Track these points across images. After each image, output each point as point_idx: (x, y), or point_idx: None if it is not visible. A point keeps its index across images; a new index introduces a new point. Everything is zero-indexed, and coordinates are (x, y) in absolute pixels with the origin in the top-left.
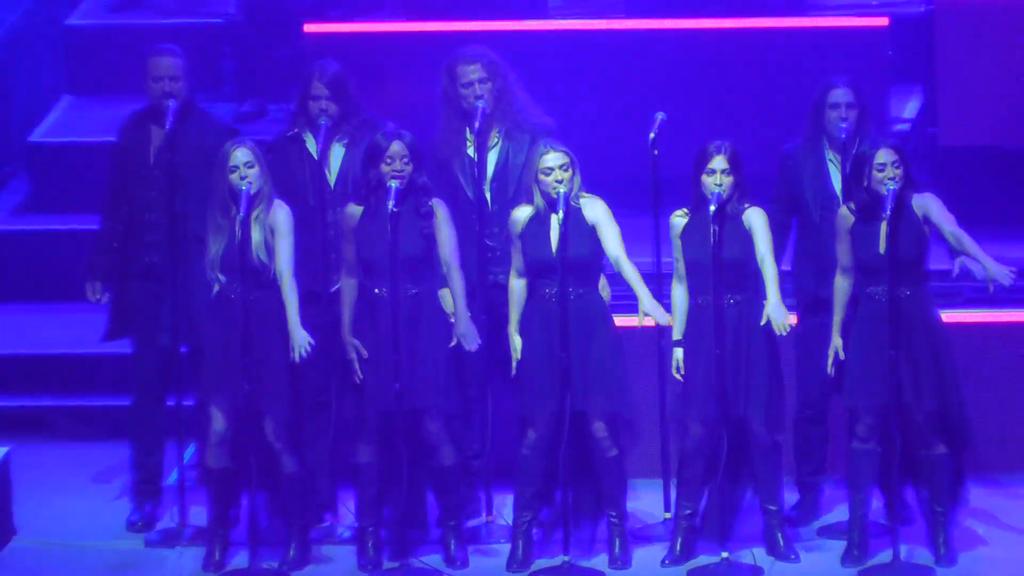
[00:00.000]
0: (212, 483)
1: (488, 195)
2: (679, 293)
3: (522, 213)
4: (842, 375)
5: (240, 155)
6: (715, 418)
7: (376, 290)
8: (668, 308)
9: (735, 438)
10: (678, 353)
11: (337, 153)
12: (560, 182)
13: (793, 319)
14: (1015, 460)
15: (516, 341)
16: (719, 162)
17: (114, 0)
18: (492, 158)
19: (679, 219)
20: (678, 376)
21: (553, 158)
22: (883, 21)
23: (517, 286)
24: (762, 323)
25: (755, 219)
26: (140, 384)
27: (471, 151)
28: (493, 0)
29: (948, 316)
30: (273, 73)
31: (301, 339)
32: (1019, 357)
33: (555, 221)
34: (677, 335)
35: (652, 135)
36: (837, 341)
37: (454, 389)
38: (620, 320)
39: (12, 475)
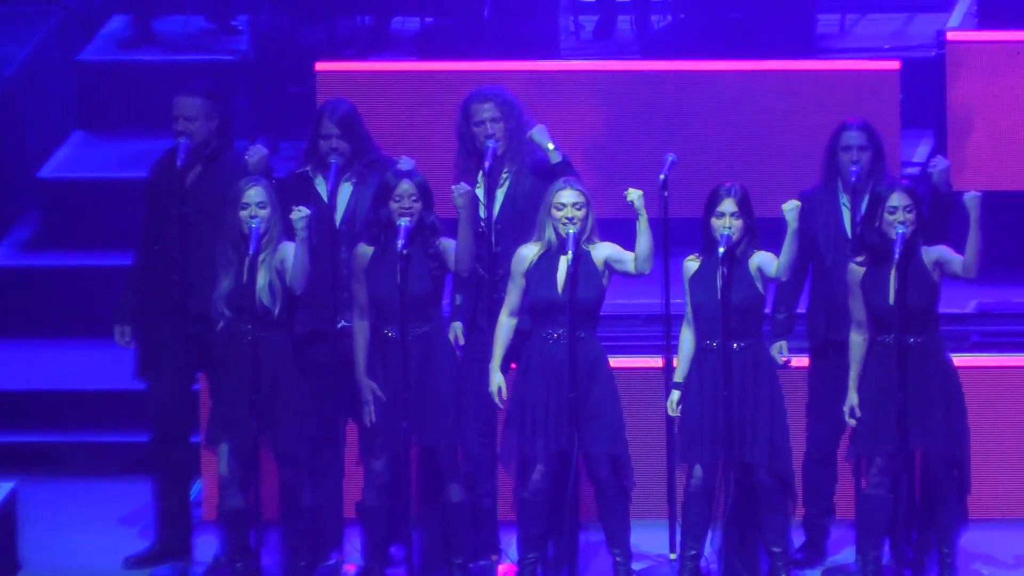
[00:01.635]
0: (226, 524)
1: (493, 236)
2: (687, 337)
3: (529, 251)
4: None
5: (253, 194)
6: (718, 461)
7: (387, 332)
8: (676, 350)
9: (742, 481)
10: (674, 396)
11: (344, 191)
12: (571, 219)
13: (804, 361)
14: (1022, 504)
15: (499, 378)
16: (728, 205)
17: (126, 36)
18: (499, 196)
19: (691, 263)
20: (672, 412)
21: (568, 195)
22: (895, 65)
23: (506, 324)
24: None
25: (759, 256)
26: (160, 421)
27: (480, 191)
28: (505, 40)
29: (955, 360)
30: (285, 111)
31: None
32: None
33: (563, 263)
34: (678, 377)
35: (663, 176)
36: (853, 398)
37: (466, 426)
38: (616, 361)
39: (18, 510)
